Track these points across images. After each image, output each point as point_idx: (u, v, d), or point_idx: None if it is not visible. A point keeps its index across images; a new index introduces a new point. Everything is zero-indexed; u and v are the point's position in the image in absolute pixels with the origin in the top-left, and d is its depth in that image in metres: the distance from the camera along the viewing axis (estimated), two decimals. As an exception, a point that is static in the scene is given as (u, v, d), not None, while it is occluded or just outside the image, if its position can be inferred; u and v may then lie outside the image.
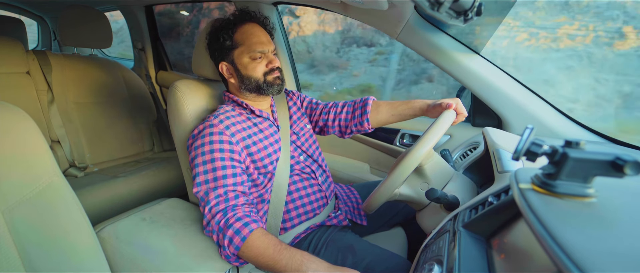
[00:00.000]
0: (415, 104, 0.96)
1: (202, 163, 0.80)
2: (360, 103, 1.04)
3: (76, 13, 1.58)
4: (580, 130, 0.99)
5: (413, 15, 1.03)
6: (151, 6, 2.05)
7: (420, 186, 0.84)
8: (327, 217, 0.96)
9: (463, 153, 1.09)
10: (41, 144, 0.60)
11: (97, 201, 1.29)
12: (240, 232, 0.72)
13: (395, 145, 1.35)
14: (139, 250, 0.80)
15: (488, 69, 1.04)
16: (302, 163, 0.97)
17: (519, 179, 0.45)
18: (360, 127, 1.03)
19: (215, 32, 0.93)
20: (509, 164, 0.71)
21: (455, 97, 1.26)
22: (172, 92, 0.98)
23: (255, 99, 0.96)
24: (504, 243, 0.47)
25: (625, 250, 0.31)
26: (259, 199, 0.89)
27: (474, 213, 0.55)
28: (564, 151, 0.39)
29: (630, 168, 0.35)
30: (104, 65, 1.75)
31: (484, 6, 0.72)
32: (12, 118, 0.57)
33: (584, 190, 0.39)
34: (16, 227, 0.53)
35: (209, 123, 0.85)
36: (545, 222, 0.34)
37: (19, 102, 1.44)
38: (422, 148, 0.71)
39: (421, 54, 1.09)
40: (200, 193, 0.79)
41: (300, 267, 0.68)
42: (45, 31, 2.91)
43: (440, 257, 0.51)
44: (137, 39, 2.18)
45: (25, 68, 1.49)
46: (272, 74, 0.91)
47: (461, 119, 0.85)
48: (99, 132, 1.65)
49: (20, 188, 0.55)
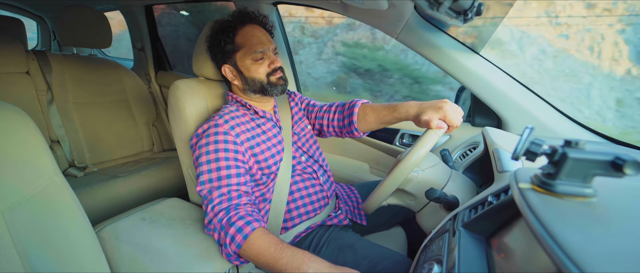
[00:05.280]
0: (400, 112, 0.87)
1: (207, 162, 0.80)
2: (348, 110, 0.98)
3: (76, 13, 1.58)
4: (580, 130, 0.99)
5: (413, 15, 1.03)
6: (151, 6, 2.05)
7: (408, 198, 0.87)
8: (328, 217, 0.96)
9: (463, 153, 1.09)
10: (41, 144, 0.60)
11: (97, 201, 1.29)
12: (242, 230, 0.72)
13: (395, 145, 1.35)
14: (139, 250, 0.79)
15: (488, 69, 1.04)
16: (304, 163, 0.97)
17: (519, 179, 0.45)
18: (351, 134, 1.01)
19: (216, 36, 0.93)
20: (509, 164, 0.71)
21: (455, 97, 1.27)
22: (172, 92, 0.98)
23: (260, 100, 0.96)
24: (504, 242, 0.47)
25: (625, 250, 0.31)
26: (261, 198, 0.89)
27: (473, 213, 0.55)
28: (563, 151, 0.39)
29: (629, 168, 0.35)
30: (103, 65, 1.75)
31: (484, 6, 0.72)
32: (11, 118, 0.57)
33: (584, 190, 0.39)
34: (16, 227, 0.53)
35: (214, 122, 0.85)
36: (545, 222, 0.34)
37: (19, 102, 1.44)
38: (401, 175, 0.73)
39: (421, 54, 1.09)
40: (203, 191, 0.79)
41: (301, 266, 0.68)
42: (44, 31, 2.90)
43: (440, 256, 0.51)
44: (137, 39, 2.18)
45: (25, 68, 1.49)
46: (275, 75, 0.91)
47: (451, 130, 0.76)
48: (98, 132, 1.65)
49: (20, 188, 0.55)
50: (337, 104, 1.04)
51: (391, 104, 0.90)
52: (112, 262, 0.78)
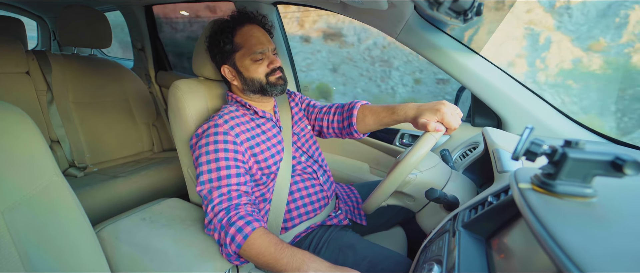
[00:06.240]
0: (399, 114, 0.86)
1: (206, 162, 0.80)
2: (347, 112, 0.98)
3: (75, 13, 1.58)
4: (580, 130, 0.99)
5: (413, 15, 1.03)
6: (151, 6, 2.05)
7: (407, 199, 0.87)
8: (328, 217, 0.96)
9: (463, 153, 1.09)
10: (41, 144, 0.60)
11: (97, 201, 1.29)
12: (242, 230, 0.72)
13: (395, 145, 1.35)
14: (138, 250, 0.79)
15: (488, 69, 1.04)
16: (304, 164, 0.97)
17: (519, 179, 0.45)
18: (351, 136, 1.01)
19: (215, 36, 0.93)
20: (509, 164, 0.71)
21: (455, 97, 1.27)
22: (172, 92, 0.98)
23: (260, 100, 0.96)
24: (504, 243, 0.47)
25: (625, 250, 0.31)
26: (261, 198, 0.89)
27: (473, 213, 0.55)
28: (563, 151, 0.39)
29: (629, 168, 0.35)
30: (103, 65, 1.75)
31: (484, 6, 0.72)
32: (11, 118, 0.57)
33: (584, 190, 0.39)
34: (16, 227, 0.53)
35: (214, 122, 0.85)
36: (545, 222, 0.34)
37: (19, 102, 1.44)
38: (399, 176, 0.73)
39: (421, 54, 1.09)
40: (203, 191, 0.79)
41: (301, 266, 0.68)
42: (44, 31, 2.90)
43: (440, 257, 0.51)
44: (137, 39, 2.18)
45: (25, 68, 1.49)
46: (274, 75, 0.91)
47: (450, 132, 0.75)
48: (98, 132, 1.65)
49: (20, 188, 0.55)
50: (337, 105, 1.04)
51: (390, 106, 0.90)
52: (112, 262, 0.78)
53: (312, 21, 3.63)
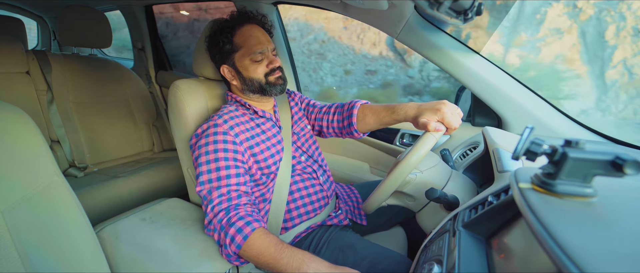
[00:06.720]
0: (399, 114, 0.86)
1: (206, 162, 0.80)
2: (347, 111, 0.98)
3: (76, 13, 1.58)
4: (580, 130, 0.99)
5: (413, 15, 1.03)
6: (151, 6, 2.05)
7: (407, 199, 0.87)
8: (328, 217, 0.96)
9: (463, 153, 1.09)
10: (41, 144, 0.60)
11: (97, 201, 1.29)
12: (242, 231, 0.72)
13: (395, 145, 1.35)
14: (139, 250, 0.79)
15: (488, 69, 1.04)
16: (304, 163, 0.97)
17: (519, 179, 0.45)
18: (351, 135, 1.01)
19: (214, 36, 0.93)
20: (509, 164, 0.71)
21: (455, 97, 1.27)
22: (172, 92, 0.98)
23: (259, 100, 0.96)
24: (504, 243, 0.47)
25: (625, 250, 0.31)
26: (261, 198, 0.89)
27: (473, 213, 0.55)
28: (563, 150, 0.39)
29: (630, 168, 0.35)
30: (103, 65, 1.75)
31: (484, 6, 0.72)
32: (11, 118, 0.57)
33: (584, 190, 0.39)
34: (16, 227, 0.53)
35: (214, 122, 0.85)
36: (545, 222, 0.34)
37: (19, 102, 1.44)
38: (399, 176, 0.73)
39: (421, 53, 1.09)
40: (203, 191, 0.79)
41: (301, 266, 0.68)
42: (45, 31, 2.90)
43: (440, 256, 0.51)
44: (137, 39, 2.18)
45: (25, 68, 1.49)
46: (274, 75, 0.91)
47: (450, 132, 0.75)
48: (98, 132, 1.65)
49: (20, 188, 0.55)
50: (336, 104, 1.04)
51: (390, 105, 0.90)
52: (112, 262, 0.78)
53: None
